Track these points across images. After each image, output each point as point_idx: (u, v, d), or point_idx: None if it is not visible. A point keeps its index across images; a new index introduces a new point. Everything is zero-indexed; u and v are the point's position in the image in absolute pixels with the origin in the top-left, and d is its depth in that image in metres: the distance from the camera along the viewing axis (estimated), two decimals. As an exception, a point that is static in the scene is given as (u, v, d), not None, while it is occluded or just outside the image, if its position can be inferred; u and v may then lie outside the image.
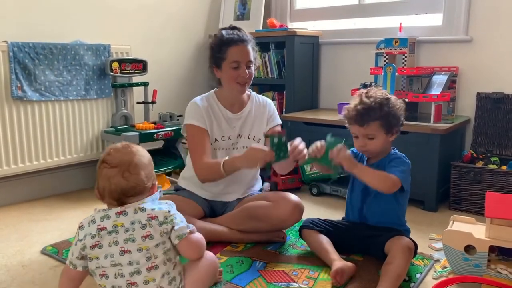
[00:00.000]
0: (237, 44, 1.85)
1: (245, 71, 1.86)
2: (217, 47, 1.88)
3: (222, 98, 1.98)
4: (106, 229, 1.24)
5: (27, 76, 2.33)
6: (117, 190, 1.25)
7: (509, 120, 2.45)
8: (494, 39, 2.52)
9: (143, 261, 1.23)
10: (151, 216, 1.25)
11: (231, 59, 1.84)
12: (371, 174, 1.62)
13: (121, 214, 1.25)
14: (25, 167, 2.40)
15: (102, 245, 1.24)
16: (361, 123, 1.65)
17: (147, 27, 2.99)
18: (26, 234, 2.05)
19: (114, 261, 1.23)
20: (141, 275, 1.23)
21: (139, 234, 1.23)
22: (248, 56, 1.86)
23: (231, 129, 1.96)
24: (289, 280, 1.58)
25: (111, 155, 1.29)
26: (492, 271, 1.58)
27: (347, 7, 3.11)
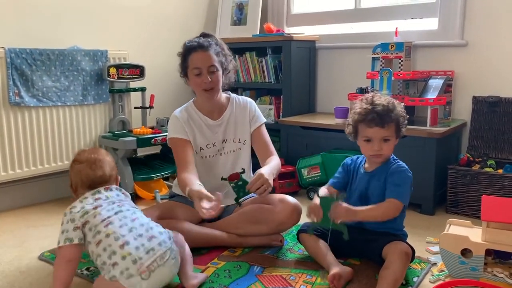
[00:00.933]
0: (196, 51, 1.88)
1: (207, 77, 1.87)
2: (182, 56, 1.93)
3: (200, 106, 2.00)
4: (101, 199, 1.50)
5: (25, 82, 2.33)
6: (88, 180, 1.54)
7: (505, 124, 2.46)
8: (490, 43, 2.53)
9: (135, 210, 1.53)
10: (125, 193, 1.61)
11: (192, 66, 1.88)
12: (373, 213, 1.63)
13: (108, 190, 1.55)
14: (23, 172, 2.39)
15: (102, 205, 1.47)
16: (382, 125, 1.65)
17: (144, 32, 3.00)
18: (23, 240, 2.04)
19: (116, 209, 1.47)
20: (138, 214, 1.51)
21: (123, 198, 1.56)
22: (208, 62, 1.87)
23: (214, 136, 1.97)
24: (286, 285, 1.59)
25: (80, 155, 1.61)
26: (489, 274, 1.59)
27: (344, 11, 3.13)
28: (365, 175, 1.75)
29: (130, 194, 2.46)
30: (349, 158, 1.86)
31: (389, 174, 1.68)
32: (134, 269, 1.34)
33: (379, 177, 1.71)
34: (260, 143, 2.02)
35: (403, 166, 1.70)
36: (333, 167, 2.50)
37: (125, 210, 1.48)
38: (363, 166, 1.78)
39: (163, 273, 1.41)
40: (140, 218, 1.49)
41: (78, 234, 1.42)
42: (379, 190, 1.69)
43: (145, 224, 1.47)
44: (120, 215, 1.46)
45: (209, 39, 1.93)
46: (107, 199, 1.51)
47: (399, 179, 1.66)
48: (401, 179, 1.66)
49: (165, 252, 1.42)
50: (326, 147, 2.66)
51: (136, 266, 1.34)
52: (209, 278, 1.63)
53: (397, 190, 1.64)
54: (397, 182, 1.65)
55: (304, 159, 2.68)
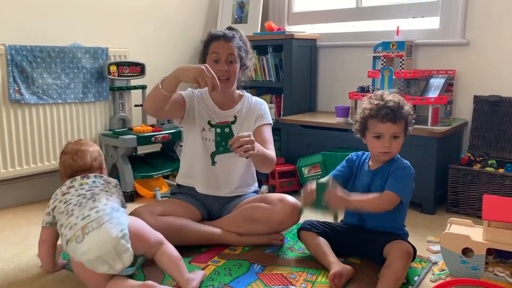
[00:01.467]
0: (219, 40, 1.90)
1: (224, 65, 1.87)
2: (204, 42, 1.95)
3: (212, 95, 1.99)
4: (74, 186, 1.64)
5: (25, 79, 2.33)
6: (69, 169, 1.71)
7: (506, 123, 2.46)
8: (491, 42, 2.53)
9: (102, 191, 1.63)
10: (107, 180, 1.71)
11: (211, 51, 1.89)
12: (367, 204, 1.64)
13: (85, 177, 1.67)
14: (23, 170, 2.39)
15: (70, 192, 1.61)
16: (394, 120, 1.64)
17: (145, 30, 3.00)
18: (23, 237, 2.04)
19: (82, 195, 1.59)
20: (100, 202, 1.55)
21: (100, 185, 1.66)
22: (228, 51, 1.88)
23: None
24: (287, 283, 1.58)
25: (66, 146, 1.78)
26: (490, 274, 1.59)
27: (345, 10, 3.13)
28: (368, 173, 1.75)
29: (130, 192, 2.51)
30: (354, 154, 1.85)
31: (391, 171, 1.68)
32: (70, 234, 1.45)
33: (382, 175, 1.71)
34: (260, 139, 2.00)
35: (406, 163, 1.71)
36: (333, 166, 2.47)
37: (87, 195, 1.59)
38: (367, 164, 1.78)
39: (99, 236, 1.41)
40: (98, 205, 1.53)
41: (47, 218, 1.62)
42: (382, 187, 1.69)
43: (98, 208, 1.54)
44: (79, 201, 1.56)
45: (234, 32, 1.94)
46: (81, 185, 1.64)
47: (399, 174, 1.66)
48: (401, 174, 1.66)
49: (101, 217, 1.46)
50: (327, 146, 2.65)
51: (71, 231, 1.45)
52: (209, 276, 1.63)
53: (396, 183, 1.64)
54: (397, 176, 1.66)
55: (304, 158, 2.68)
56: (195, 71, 1.65)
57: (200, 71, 1.64)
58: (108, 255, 1.40)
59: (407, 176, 1.67)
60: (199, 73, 1.64)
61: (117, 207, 1.56)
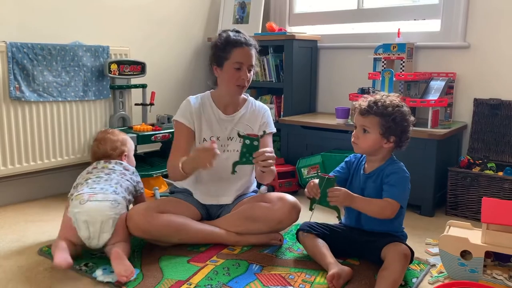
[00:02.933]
0: (242, 46, 1.87)
1: (246, 73, 1.88)
2: (222, 46, 1.88)
3: (217, 99, 1.99)
4: (97, 168, 1.96)
5: (25, 77, 2.33)
6: (94, 154, 2.06)
7: (506, 126, 2.46)
8: (492, 46, 2.53)
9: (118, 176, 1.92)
10: (126, 167, 2.01)
11: (235, 59, 1.86)
12: (370, 206, 1.65)
13: (107, 162, 1.99)
14: (22, 167, 2.39)
15: (92, 172, 1.93)
16: (362, 113, 1.69)
17: (146, 29, 3.00)
18: (22, 234, 2.04)
19: (99, 175, 1.89)
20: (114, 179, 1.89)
21: (118, 171, 1.95)
22: (251, 60, 1.89)
23: (222, 130, 1.97)
24: (285, 284, 1.58)
25: (97, 134, 2.17)
26: (488, 277, 1.59)
27: (346, 11, 3.13)
28: (362, 176, 1.75)
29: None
30: (353, 155, 1.86)
31: (385, 176, 1.68)
32: (78, 195, 1.75)
33: (375, 179, 1.71)
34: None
35: (400, 167, 1.70)
36: (333, 167, 2.47)
37: (104, 176, 1.89)
38: (363, 167, 1.78)
39: (97, 207, 1.70)
40: (112, 182, 1.86)
41: (71, 191, 1.87)
42: (375, 191, 1.70)
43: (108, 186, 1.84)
44: (97, 179, 1.87)
45: (250, 38, 1.93)
46: (102, 168, 1.95)
47: (395, 180, 1.66)
48: (397, 180, 1.66)
49: (107, 195, 1.76)
50: (327, 147, 2.65)
51: (80, 195, 1.75)
52: (208, 275, 1.63)
53: (394, 190, 1.64)
54: (393, 182, 1.66)
55: (304, 158, 2.68)
56: (201, 164, 1.72)
57: (204, 163, 1.70)
58: (94, 225, 1.67)
59: (403, 181, 1.67)
60: (204, 164, 1.70)
61: (123, 193, 1.84)
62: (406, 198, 1.67)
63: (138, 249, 1.84)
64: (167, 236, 1.81)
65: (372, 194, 1.69)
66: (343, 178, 1.82)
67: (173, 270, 1.67)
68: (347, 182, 1.81)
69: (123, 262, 1.60)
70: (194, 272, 1.65)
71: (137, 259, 1.75)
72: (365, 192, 1.72)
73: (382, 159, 1.72)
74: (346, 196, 1.63)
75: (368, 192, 1.71)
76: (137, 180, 2.02)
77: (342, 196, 1.62)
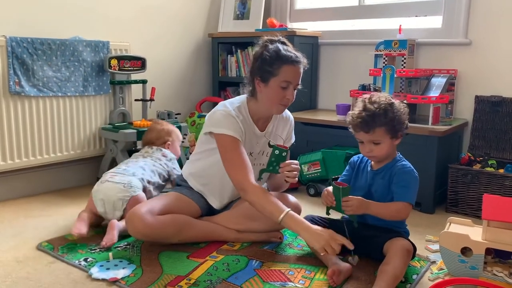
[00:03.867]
0: (294, 65, 1.75)
1: (293, 93, 1.78)
2: (271, 60, 1.74)
3: (253, 113, 1.87)
4: (141, 152, 2.32)
5: (25, 71, 2.32)
6: (143, 141, 2.42)
7: (507, 124, 2.45)
8: (493, 43, 2.52)
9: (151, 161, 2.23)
10: (164, 154, 2.30)
11: (283, 78, 1.73)
12: (385, 210, 1.65)
13: (150, 148, 2.32)
14: (22, 162, 2.38)
15: (136, 155, 2.28)
16: (366, 130, 1.65)
17: (146, 24, 2.98)
18: (21, 230, 2.03)
19: (138, 157, 2.25)
20: (144, 163, 2.18)
21: (155, 156, 2.27)
22: (299, 79, 1.79)
23: (256, 146, 1.91)
24: (285, 280, 1.58)
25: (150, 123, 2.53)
26: (488, 274, 1.58)
27: (347, 8, 3.12)
28: (370, 173, 1.75)
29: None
30: (356, 156, 1.87)
31: (394, 174, 1.68)
32: (103, 176, 2.06)
33: (383, 176, 1.71)
34: None
35: (409, 167, 1.70)
36: (333, 163, 2.49)
37: (137, 159, 2.20)
38: (369, 164, 1.78)
39: (113, 187, 1.95)
40: (136, 165, 2.13)
41: None
42: (382, 187, 1.70)
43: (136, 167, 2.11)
44: (131, 160, 2.21)
45: (298, 53, 1.81)
46: (146, 152, 2.28)
47: (406, 181, 1.66)
48: (408, 181, 1.66)
49: (125, 176, 2.00)
50: (327, 143, 2.65)
51: (103, 175, 2.06)
52: (208, 271, 1.62)
53: (406, 192, 1.64)
54: (404, 183, 1.66)
55: (304, 155, 2.67)
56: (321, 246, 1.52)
57: (324, 248, 1.52)
58: (108, 204, 1.93)
59: (414, 182, 1.68)
60: (323, 249, 1.52)
61: (144, 176, 2.08)
62: (415, 198, 1.68)
63: (138, 244, 1.84)
64: (168, 238, 1.80)
65: (380, 190, 1.70)
66: (351, 180, 1.83)
67: (172, 265, 1.66)
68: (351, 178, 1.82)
69: (111, 232, 1.82)
70: (193, 267, 1.65)
71: (136, 255, 1.75)
72: (373, 188, 1.72)
73: (390, 157, 1.73)
74: (360, 205, 1.61)
75: (376, 188, 1.71)
76: (172, 167, 2.27)
77: (356, 205, 1.61)
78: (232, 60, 3.31)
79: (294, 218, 1.60)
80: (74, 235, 1.81)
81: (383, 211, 1.64)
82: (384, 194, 1.69)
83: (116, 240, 1.81)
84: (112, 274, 1.58)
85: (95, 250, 1.79)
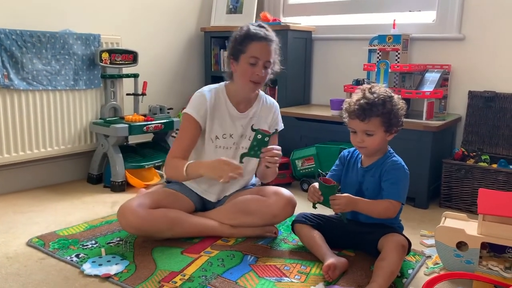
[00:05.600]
0: (260, 41, 1.78)
1: (261, 70, 1.79)
2: (240, 38, 1.80)
3: (231, 94, 1.91)
4: None
5: (14, 64, 2.27)
6: None
7: (500, 119, 2.46)
8: (487, 38, 2.53)
9: None
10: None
11: (250, 54, 1.77)
12: (373, 208, 1.63)
13: None
14: (11, 157, 2.34)
15: None
16: (362, 118, 1.62)
17: (138, 17, 2.94)
18: (11, 225, 1.99)
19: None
20: None
21: None
22: (268, 56, 1.79)
23: (234, 128, 1.90)
24: (280, 275, 1.57)
25: None
26: (484, 268, 1.58)
27: (341, 2, 3.10)
28: (360, 170, 1.73)
29: (121, 182, 2.47)
30: (346, 150, 1.83)
31: (384, 171, 1.66)
32: None
33: (373, 173, 1.69)
34: None
35: (399, 163, 1.67)
36: (327, 158, 2.48)
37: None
38: (360, 160, 1.76)
39: None
40: None
41: None
42: (373, 185, 1.68)
43: None
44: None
45: (273, 34, 1.84)
46: None
47: (395, 178, 1.64)
48: (397, 178, 1.64)
49: None
50: (321, 138, 2.63)
51: None
52: (202, 266, 1.60)
53: (395, 190, 1.62)
54: (394, 180, 1.63)
55: (298, 150, 2.66)
56: (218, 175, 1.67)
57: (222, 175, 1.65)
58: None
59: (403, 178, 1.65)
60: (221, 176, 1.65)
61: None
62: (406, 195, 1.66)
63: (131, 240, 1.81)
64: (160, 232, 1.78)
65: (371, 187, 1.68)
66: (340, 175, 1.80)
67: (166, 261, 1.64)
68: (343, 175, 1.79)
69: None
70: (188, 263, 1.63)
71: (129, 250, 1.72)
72: (363, 186, 1.70)
73: (380, 152, 1.70)
74: (348, 202, 1.60)
75: (367, 186, 1.69)
76: None
77: (344, 203, 1.59)
78: (224, 55, 3.28)
79: (192, 165, 1.75)
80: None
81: (372, 208, 1.62)
82: (375, 192, 1.67)
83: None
84: (105, 270, 1.56)
85: (87, 246, 1.76)
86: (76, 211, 2.19)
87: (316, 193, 1.63)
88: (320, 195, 1.62)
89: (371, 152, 1.69)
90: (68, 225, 1.99)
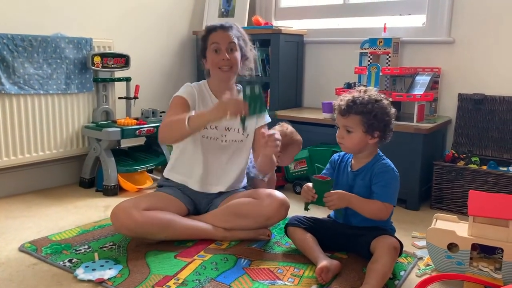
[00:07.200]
0: (216, 30, 1.89)
1: (225, 54, 1.85)
2: (202, 37, 1.93)
3: (213, 88, 1.97)
4: None
5: (5, 68, 2.26)
6: None
7: (489, 121, 2.50)
8: (476, 41, 2.56)
9: None
10: None
11: (210, 42, 1.87)
12: (366, 206, 1.64)
13: None
14: (2, 162, 2.32)
15: None
16: (343, 113, 1.67)
17: (130, 21, 2.94)
18: (3, 231, 1.98)
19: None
20: None
21: None
22: (228, 38, 1.87)
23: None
24: (274, 278, 1.57)
25: None
26: (474, 269, 1.60)
27: (332, 6, 3.13)
28: (350, 174, 1.75)
29: (113, 186, 2.47)
30: (337, 154, 1.85)
31: (374, 174, 1.67)
32: None
33: (363, 176, 1.70)
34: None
35: (389, 165, 1.69)
36: (319, 161, 2.50)
37: None
38: (350, 164, 1.77)
39: None
40: None
41: None
42: (364, 189, 1.69)
43: None
44: None
45: (230, 23, 1.93)
46: None
47: (385, 180, 1.65)
48: (387, 180, 1.65)
49: None
50: (313, 141, 2.65)
51: None
52: (196, 270, 1.60)
53: (387, 192, 1.64)
54: (384, 183, 1.65)
55: (290, 153, 2.66)
56: (223, 111, 1.58)
57: (227, 109, 1.57)
58: None
59: (394, 181, 1.67)
60: (227, 110, 1.57)
61: None
62: (396, 197, 1.68)
63: (124, 244, 1.81)
64: (153, 234, 1.78)
65: (361, 191, 1.69)
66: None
67: (160, 265, 1.64)
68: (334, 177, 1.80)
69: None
70: (181, 267, 1.63)
71: (123, 255, 1.72)
72: (354, 190, 1.71)
73: (369, 155, 1.72)
74: (342, 198, 1.62)
75: (357, 190, 1.70)
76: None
77: (337, 199, 1.61)
78: (217, 58, 3.28)
79: (194, 116, 1.68)
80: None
81: (365, 206, 1.64)
82: (366, 195, 1.68)
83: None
84: (98, 275, 1.55)
85: (80, 251, 1.75)
86: (68, 215, 2.18)
87: (310, 191, 1.65)
88: (314, 193, 1.64)
89: (350, 150, 1.73)
90: (61, 229, 1.98)
